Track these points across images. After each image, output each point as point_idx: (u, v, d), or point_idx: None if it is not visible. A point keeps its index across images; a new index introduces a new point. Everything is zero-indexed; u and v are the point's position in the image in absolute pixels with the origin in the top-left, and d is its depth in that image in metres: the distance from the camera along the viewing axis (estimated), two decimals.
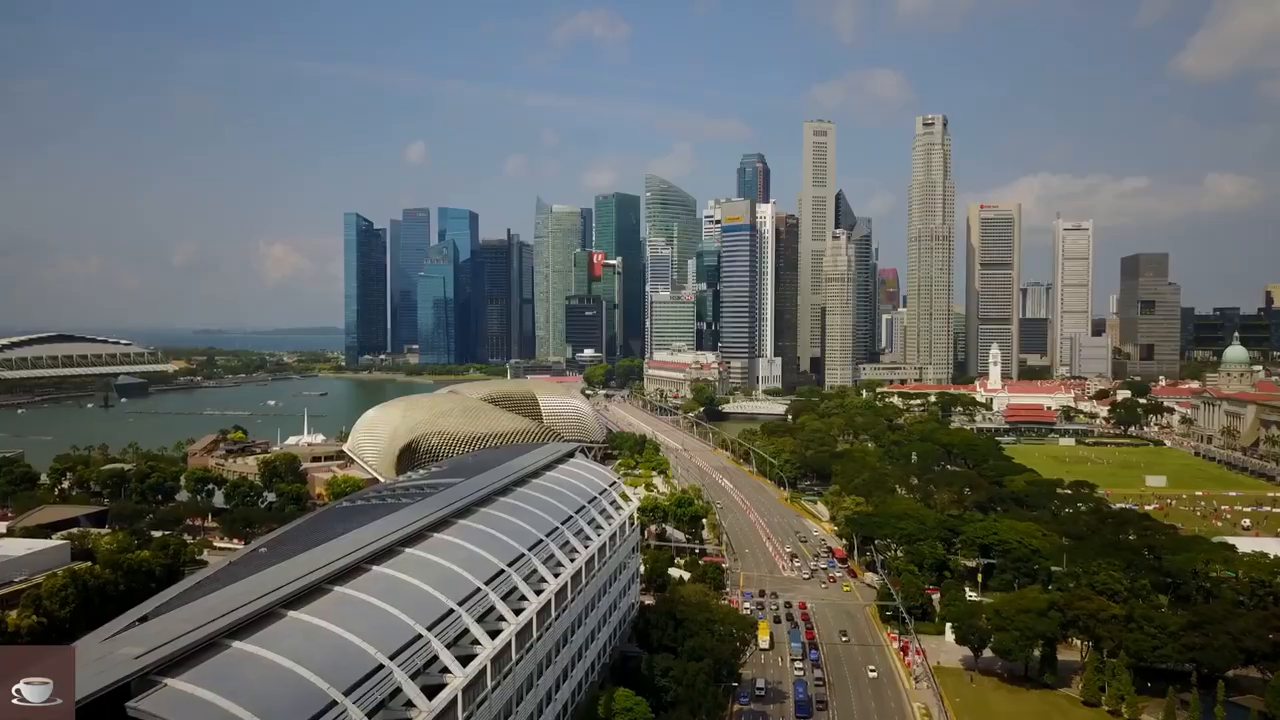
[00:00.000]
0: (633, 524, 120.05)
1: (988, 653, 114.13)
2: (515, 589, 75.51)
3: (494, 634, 67.42)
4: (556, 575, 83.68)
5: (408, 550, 71.63)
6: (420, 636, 59.19)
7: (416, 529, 75.77)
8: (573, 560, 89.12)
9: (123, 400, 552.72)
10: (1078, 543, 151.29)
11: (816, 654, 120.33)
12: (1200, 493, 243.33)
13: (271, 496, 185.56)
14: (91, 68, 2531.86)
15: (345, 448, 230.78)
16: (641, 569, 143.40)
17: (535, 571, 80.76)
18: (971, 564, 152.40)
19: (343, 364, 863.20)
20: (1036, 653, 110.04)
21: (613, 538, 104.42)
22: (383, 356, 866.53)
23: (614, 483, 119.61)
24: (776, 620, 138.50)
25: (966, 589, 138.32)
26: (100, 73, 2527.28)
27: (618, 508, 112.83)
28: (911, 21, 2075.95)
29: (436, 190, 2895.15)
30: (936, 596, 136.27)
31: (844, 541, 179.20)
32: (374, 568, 66.61)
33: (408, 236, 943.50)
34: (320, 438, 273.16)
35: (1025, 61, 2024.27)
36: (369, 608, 60.05)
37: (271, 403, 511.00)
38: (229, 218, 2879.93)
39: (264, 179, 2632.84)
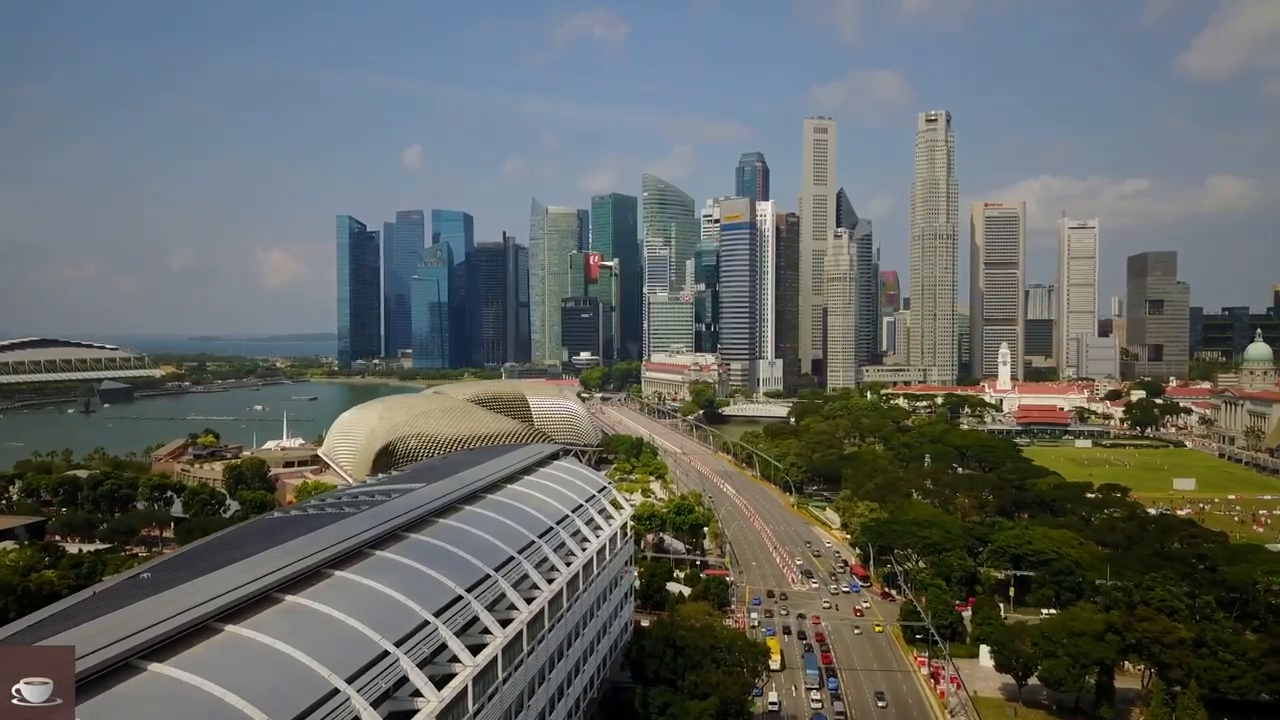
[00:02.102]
0: (626, 535, 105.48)
1: (1032, 680, 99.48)
2: (475, 619, 60.92)
3: (444, 680, 53.09)
4: (531, 600, 69.30)
5: (336, 573, 56.99)
6: (337, 692, 44.71)
7: (352, 546, 61.13)
8: (551, 581, 74.68)
9: (106, 405, 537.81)
10: (1119, 552, 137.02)
11: (836, 683, 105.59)
12: (1233, 496, 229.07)
13: (236, 505, 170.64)
14: (89, 74, 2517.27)
15: (320, 452, 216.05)
16: (637, 584, 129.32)
17: (503, 597, 66.22)
18: (1000, 576, 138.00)
19: (336, 369, 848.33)
20: (1090, 680, 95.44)
21: (601, 552, 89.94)
22: (376, 361, 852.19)
23: (604, 488, 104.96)
24: (786, 631, 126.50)
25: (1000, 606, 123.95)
26: (98, 79, 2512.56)
27: (608, 517, 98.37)
28: (913, 23, 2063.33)
29: (434, 195, 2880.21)
30: (967, 614, 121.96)
31: (857, 551, 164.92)
32: (287, 598, 52.02)
33: (401, 239, 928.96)
34: (299, 442, 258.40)
35: (1026, 63, 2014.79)
36: (268, 656, 45.46)
37: (258, 407, 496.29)
38: (226, 224, 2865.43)
39: (261, 185, 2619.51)
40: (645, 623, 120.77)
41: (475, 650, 58.41)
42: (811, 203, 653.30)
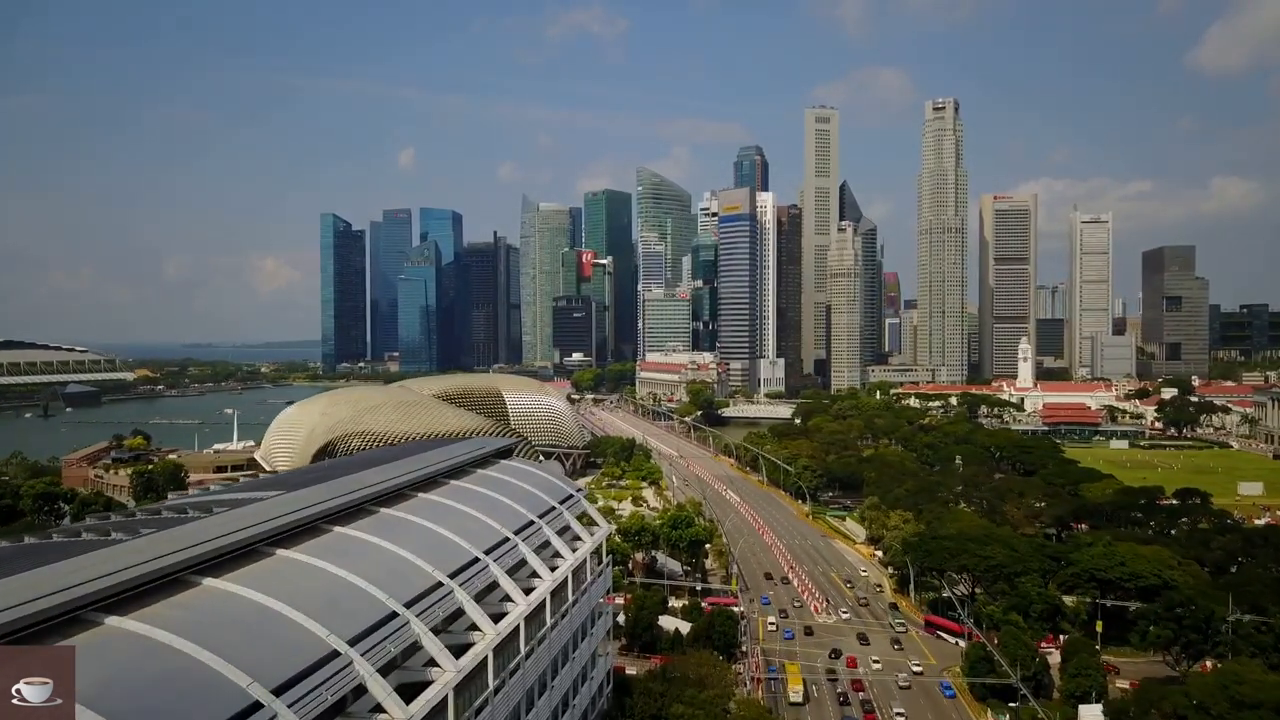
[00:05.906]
0: (602, 561, 76.82)
1: None
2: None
3: None
4: (423, 685, 40.67)
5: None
6: None
7: (81, 597, 32.28)
8: (467, 646, 46.02)
9: (68, 409, 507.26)
10: (1230, 576, 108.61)
11: None
12: None
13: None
14: (85, 82, 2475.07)
15: (257, 454, 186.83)
16: (621, 619, 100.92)
17: (358, 689, 37.53)
18: (1072, 603, 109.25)
19: (320, 373, 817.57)
20: None
21: (559, 590, 61.31)
22: (361, 365, 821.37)
23: (571, 497, 75.99)
24: (808, 633, 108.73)
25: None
26: (94, 87, 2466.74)
27: (574, 538, 69.72)
28: (916, 20, 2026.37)
29: (429, 199, 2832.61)
30: (1053, 659, 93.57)
31: (892, 572, 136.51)
32: None
33: (388, 239, 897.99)
34: (248, 444, 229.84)
35: (1029, 62, 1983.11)
36: None
37: (229, 411, 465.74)
38: (220, 231, 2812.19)
39: (254, 192, 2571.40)
40: (632, 670, 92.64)
41: None
42: (814, 195, 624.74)
